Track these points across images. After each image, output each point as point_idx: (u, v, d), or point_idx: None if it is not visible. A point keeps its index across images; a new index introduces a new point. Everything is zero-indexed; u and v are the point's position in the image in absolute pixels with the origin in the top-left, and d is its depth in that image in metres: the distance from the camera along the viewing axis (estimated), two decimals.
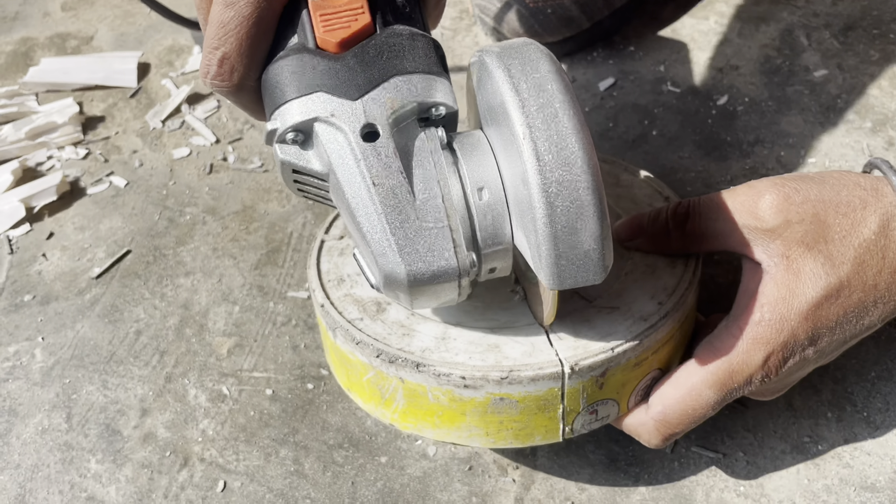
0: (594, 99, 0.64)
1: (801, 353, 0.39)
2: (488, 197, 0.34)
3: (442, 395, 0.38)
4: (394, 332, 0.40)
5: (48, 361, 0.53)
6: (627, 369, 0.39)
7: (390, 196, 0.33)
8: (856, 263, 0.38)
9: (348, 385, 0.43)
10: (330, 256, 0.45)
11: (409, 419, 0.40)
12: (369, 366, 0.40)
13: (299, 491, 0.46)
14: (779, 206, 0.39)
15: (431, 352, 0.39)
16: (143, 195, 0.61)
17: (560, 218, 0.32)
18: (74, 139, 0.65)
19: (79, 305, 0.55)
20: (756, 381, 0.39)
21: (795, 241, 0.38)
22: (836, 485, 0.44)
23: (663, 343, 0.40)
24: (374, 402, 0.41)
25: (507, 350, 0.38)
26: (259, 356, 0.52)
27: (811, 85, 0.62)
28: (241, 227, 0.59)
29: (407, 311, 0.41)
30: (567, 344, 0.39)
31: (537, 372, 0.37)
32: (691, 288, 0.41)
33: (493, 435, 0.40)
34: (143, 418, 0.49)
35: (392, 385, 0.39)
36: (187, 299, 0.55)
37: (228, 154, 0.63)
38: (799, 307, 0.38)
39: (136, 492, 0.46)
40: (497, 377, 0.37)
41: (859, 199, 0.39)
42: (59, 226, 0.60)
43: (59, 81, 0.69)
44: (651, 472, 0.45)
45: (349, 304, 0.42)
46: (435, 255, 0.33)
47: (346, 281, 0.43)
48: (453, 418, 0.39)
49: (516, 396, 0.38)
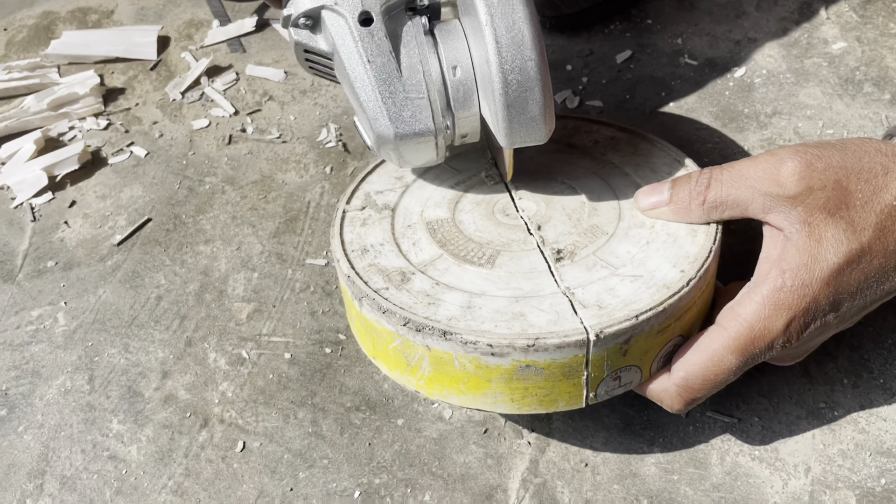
0: (611, 71, 0.64)
1: (822, 319, 0.39)
2: (461, 74, 0.41)
3: (468, 363, 0.39)
4: (419, 301, 0.40)
5: (71, 325, 0.53)
6: (651, 336, 0.40)
7: (382, 72, 0.40)
8: (877, 229, 0.38)
9: (373, 353, 0.44)
10: (352, 227, 0.46)
11: (435, 386, 0.41)
12: (395, 334, 0.40)
13: (317, 451, 0.46)
14: (801, 173, 0.39)
15: (457, 320, 0.39)
16: (163, 165, 0.62)
17: (512, 90, 0.39)
18: (96, 110, 0.66)
19: (100, 271, 0.56)
20: (777, 346, 0.39)
21: (817, 207, 0.39)
22: (852, 450, 0.44)
23: (686, 310, 0.40)
24: (399, 369, 0.42)
25: (532, 318, 0.39)
26: (278, 321, 0.52)
27: (830, 57, 0.62)
28: (260, 197, 0.59)
29: (432, 281, 0.42)
30: (591, 312, 0.39)
31: (563, 340, 0.38)
32: (712, 256, 0.41)
33: (518, 401, 0.40)
34: (164, 380, 0.50)
35: (418, 353, 0.40)
36: (207, 266, 0.56)
37: (247, 125, 0.64)
38: (821, 273, 0.38)
39: (157, 451, 0.47)
40: (523, 345, 0.38)
41: (881, 165, 0.39)
42: (81, 194, 0.61)
43: (81, 54, 0.70)
44: (666, 436, 0.45)
45: (374, 274, 0.42)
46: (417, 119, 0.41)
47: (369, 251, 0.44)
48: (479, 385, 0.40)
49: (542, 363, 0.39)
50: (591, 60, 0.65)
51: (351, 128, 0.63)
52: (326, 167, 0.61)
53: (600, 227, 0.44)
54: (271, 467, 0.46)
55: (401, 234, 0.45)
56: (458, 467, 0.45)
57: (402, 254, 0.44)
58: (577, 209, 0.45)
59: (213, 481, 0.46)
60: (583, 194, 0.46)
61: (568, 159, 0.49)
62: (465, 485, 0.45)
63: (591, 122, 0.52)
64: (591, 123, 0.51)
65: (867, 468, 0.43)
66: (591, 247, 0.43)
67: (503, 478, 0.45)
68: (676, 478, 0.44)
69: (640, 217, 0.44)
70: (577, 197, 0.46)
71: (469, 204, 0.46)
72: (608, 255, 0.42)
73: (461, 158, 0.50)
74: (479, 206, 0.46)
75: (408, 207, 0.47)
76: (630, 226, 0.44)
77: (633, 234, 0.43)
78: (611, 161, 0.48)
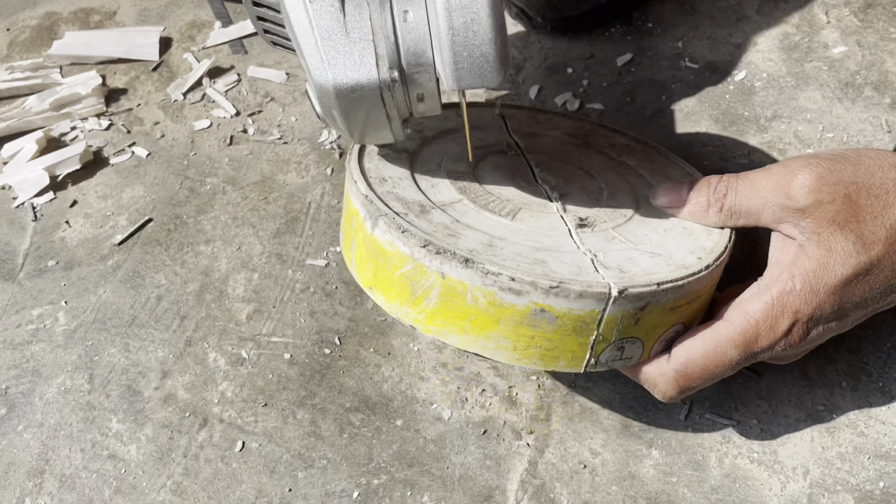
0: (612, 74, 0.64)
1: (825, 325, 0.40)
2: (412, 18, 0.37)
3: (482, 297, 0.37)
4: (440, 230, 0.39)
5: (71, 324, 0.53)
6: (664, 312, 0.39)
7: (324, 13, 0.37)
8: (887, 244, 0.39)
9: (372, 282, 0.41)
10: (370, 158, 0.44)
11: (437, 320, 0.39)
12: (409, 257, 0.38)
13: (316, 452, 0.46)
14: (811, 187, 0.39)
15: (479, 253, 0.37)
16: (164, 165, 0.62)
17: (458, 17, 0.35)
18: (97, 110, 0.66)
19: (101, 271, 0.56)
20: (779, 347, 0.40)
21: (826, 219, 0.39)
22: (851, 452, 0.44)
23: (697, 296, 0.40)
24: (400, 299, 0.39)
25: (554, 266, 0.38)
26: (277, 321, 0.52)
27: (830, 61, 0.62)
28: (261, 197, 0.59)
29: (451, 218, 0.40)
30: (613, 273, 0.38)
31: (586, 289, 0.37)
32: (727, 252, 0.42)
33: (520, 351, 0.39)
34: (164, 380, 0.50)
35: (429, 281, 0.38)
36: (207, 266, 0.56)
37: (248, 126, 0.64)
38: (828, 282, 0.39)
39: (157, 450, 0.47)
40: (546, 285, 0.36)
41: (893, 181, 0.40)
42: (83, 194, 0.61)
43: (83, 54, 0.70)
44: (664, 438, 0.45)
45: (393, 200, 0.40)
46: (358, 66, 0.37)
47: (387, 181, 0.42)
48: (485, 325, 0.38)
49: (557, 311, 0.37)
50: (592, 63, 0.65)
51: None
52: (327, 168, 0.61)
53: (619, 209, 0.44)
54: (270, 467, 0.46)
55: (420, 176, 0.43)
56: (456, 468, 0.45)
57: (421, 191, 0.42)
58: (596, 191, 0.45)
59: (212, 481, 0.46)
60: (601, 181, 0.46)
61: (585, 153, 0.49)
62: (463, 486, 0.45)
63: (606, 128, 0.52)
64: (606, 130, 0.52)
65: (866, 471, 0.43)
66: (611, 223, 0.43)
67: (502, 479, 0.45)
68: (675, 480, 0.44)
69: (656, 210, 0.44)
70: (596, 181, 0.46)
71: (489, 165, 0.45)
72: (627, 233, 0.42)
73: (483, 129, 0.49)
74: (499, 168, 0.45)
75: (426, 156, 0.45)
76: (647, 214, 0.44)
77: (650, 221, 0.43)
78: (626, 163, 0.49)
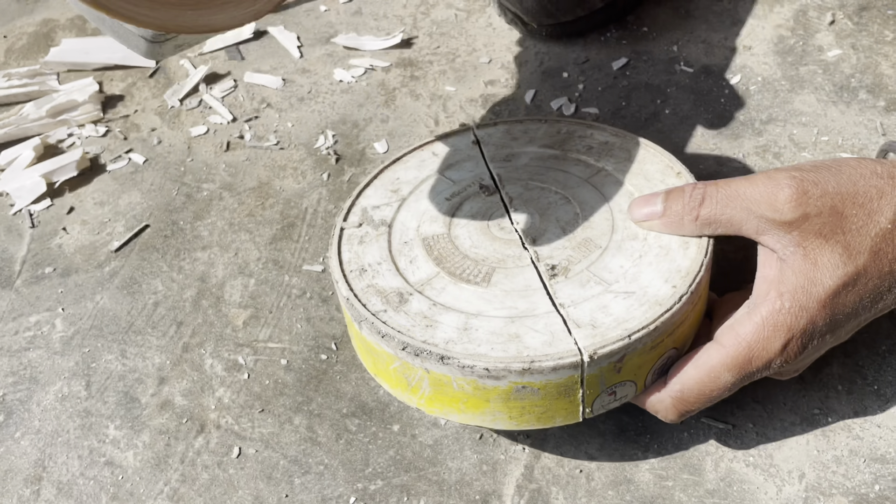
0: (607, 78, 0.64)
1: (819, 338, 0.40)
2: None
3: (466, 385, 0.40)
4: (417, 323, 0.41)
5: (68, 331, 0.54)
6: (644, 353, 0.40)
7: None
8: (872, 253, 0.39)
9: (375, 371, 0.44)
10: (350, 245, 0.46)
11: (436, 405, 0.42)
12: (395, 356, 0.41)
13: (313, 457, 0.46)
14: (798, 200, 0.39)
15: (455, 343, 0.40)
16: (161, 171, 0.62)
17: None
18: (94, 117, 0.66)
19: (98, 277, 0.56)
20: (775, 365, 0.40)
21: (812, 232, 0.39)
22: (846, 456, 0.44)
23: (678, 325, 0.41)
24: (400, 388, 0.43)
25: (527, 340, 0.40)
26: (274, 327, 0.52)
27: (825, 65, 0.62)
28: (257, 203, 0.60)
29: (429, 302, 0.42)
30: (585, 332, 0.39)
31: (557, 362, 0.38)
32: (703, 270, 0.42)
33: (517, 418, 0.41)
34: (161, 386, 0.50)
35: (418, 374, 0.41)
36: (204, 272, 0.56)
37: (245, 132, 0.64)
38: (818, 295, 0.39)
39: (154, 457, 0.47)
40: (519, 368, 0.38)
41: (875, 188, 0.39)
42: (80, 201, 0.61)
43: (80, 61, 0.70)
44: (660, 443, 0.45)
45: (372, 296, 0.43)
46: None
47: (367, 271, 0.44)
48: (478, 405, 0.41)
49: (538, 385, 0.39)
50: (588, 68, 0.65)
51: (348, 134, 0.63)
52: (323, 174, 0.61)
53: (594, 240, 0.44)
54: (267, 473, 0.46)
55: (398, 252, 0.45)
56: (453, 473, 0.45)
57: (400, 272, 0.44)
58: (571, 221, 0.45)
59: (209, 487, 0.46)
60: (576, 205, 0.46)
61: (562, 166, 0.49)
62: (460, 491, 0.45)
63: (584, 125, 0.52)
64: (584, 128, 0.52)
65: (861, 474, 0.43)
66: (585, 262, 0.43)
67: (498, 484, 0.45)
68: (671, 484, 0.44)
69: (633, 228, 0.44)
70: (571, 207, 0.46)
71: (464, 218, 0.47)
72: (601, 270, 0.43)
73: (458, 167, 0.50)
74: (475, 219, 0.46)
75: (404, 223, 0.47)
76: (623, 238, 0.44)
77: (626, 246, 0.44)
78: (604, 169, 0.49)
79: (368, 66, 0.68)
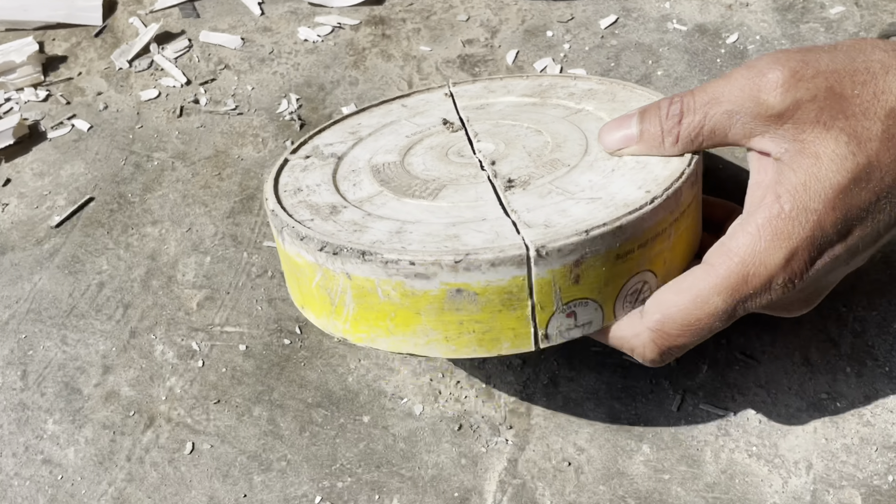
0: (595, 38, 0.59)
1: (829, 251, 0.34)
2: None
3: (392, 290, 0.34)
4: (345, 229, 0.36)
5: (2, 316, 0.49)
6: (609, 261, 0.34)
7: None
8: (884, 138, 0.33)
9: (302, 301, 0.39)
10: (291, 172, 0.42)
11: (362, 327, 0.36)
12: (316, 265, 0.35)
13: (274, 453, 0.42)
14: (786, 85, 0.33)
15: (382, 243, 0.34)
16: (107, 139, 0.57)
17: None
18: (34, 80, 0.61)
19: (36, 256, 0.51)
20: (777, 286, 0.34)
21: (809, 121, 0.33)
22: (857, 444, 0.41)
23: (652, 236, 0.35)
24: (325, 312, 0.37)
25: (466, 238, 0.34)
26: (231, 310, 0.48)
27: (827, 22, 0.58)
28: (213, 174, 0.55)
29: (363, 213, 0.37)
30: (536, 231, 0.34)
31: (497, 255, 0.32)
32: (685, 178, 0.36)
33: (454, 340, 0.35)
34: (105, 376, 0.46)
35: (339, 285, 0.35)
36: (154, 249, 0.51)
37: (200, 96, 0.59)
38: (824, 194, 0.33)
39: (97, 454, 0.43)
40: (450, 261, 0.33)
41: (880, 63, 0.33)
42: (17, 171, 0.56)
43: (18, 19, 0.64)
44: (656, 432, 0.42)
45: (302, 209, 0.38)
46: None
47: (302, 190, 0.40)
48: (407, 320, 0.35)
49: (475, 287, 0.33)
50: (573, 26, 0.60)
51: (313, 98, 0.58)
52: (286, 141, 0.56)
53: (562, 160, 0.39)
54: (223, 471, 0.42)
55: (342, 177, 0.41)
56: (429, 468, 0.41)
57: (339, 192, 0.40)
58: (540, 147, 0.41)
59: (159, 487, 0.41)
60: (548, 136, 0.42)
61: (539, 110, 0.45)
62: (436, 487, 0.41)
63: (569, 77, 0.48)
64: (569, 80, 0.47)
65: (873, 464, 0.40)
66: (549, 177, 0.38)
67: (479, 479, 0.41)
68: (667, 477, 0.40)
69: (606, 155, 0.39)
70: (542, 137, 0.42)
71: (422, 148, 0.43)
72: (567, 183, 0.37)
73: (426, 114, 0.46)
74: (433, 149, 0.42)
75: (356, 155, 0.43)
76: (596, 159, 0.39)
77: (598, 165, 0.38)
78: (584, 109, 0.44)
79: (336, 24, 0.63)
